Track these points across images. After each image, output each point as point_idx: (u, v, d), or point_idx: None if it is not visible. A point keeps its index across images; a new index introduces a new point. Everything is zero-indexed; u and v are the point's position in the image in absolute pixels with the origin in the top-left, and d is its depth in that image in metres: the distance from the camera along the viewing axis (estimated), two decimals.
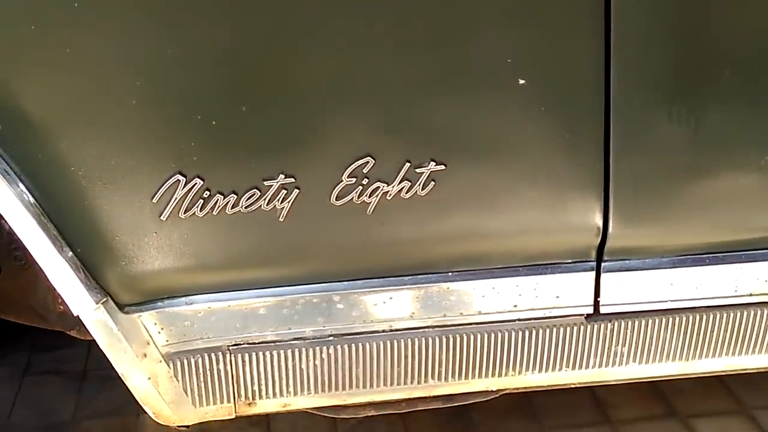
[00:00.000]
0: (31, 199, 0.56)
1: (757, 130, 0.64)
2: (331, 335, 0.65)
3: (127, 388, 0.64)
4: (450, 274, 0.65)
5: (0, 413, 1.07)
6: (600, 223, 0.64)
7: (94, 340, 0.61)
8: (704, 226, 0.68)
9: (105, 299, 0.59)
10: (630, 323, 0.69)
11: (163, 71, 0.54)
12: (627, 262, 0.68)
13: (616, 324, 0.69)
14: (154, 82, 0.54)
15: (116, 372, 0.63)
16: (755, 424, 1.03)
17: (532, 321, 0.68)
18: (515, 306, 0.67)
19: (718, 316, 0.71)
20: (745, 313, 0.71)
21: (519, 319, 0.68)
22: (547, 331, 0.68)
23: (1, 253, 0.69)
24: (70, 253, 0.57)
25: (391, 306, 0.65)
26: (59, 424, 1.07)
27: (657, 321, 0.70)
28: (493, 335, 0.68)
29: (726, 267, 0.69)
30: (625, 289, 0.68)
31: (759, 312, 0.71)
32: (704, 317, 0.70)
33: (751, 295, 0.70)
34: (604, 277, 0.67)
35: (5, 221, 0.57)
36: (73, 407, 1.09)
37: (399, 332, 0.66)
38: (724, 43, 0.62)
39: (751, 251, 0.69)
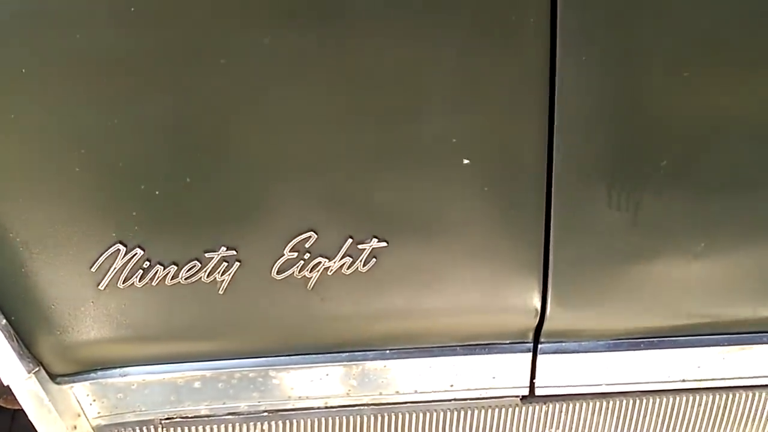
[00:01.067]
0: None
1: (693, 217, 0.66)
2: (265, 410, 0.64)
3: None
4: (387, 351, 0.65)
5: None
6: (538, 305, 0.65)
7: (21, 410, 0.60)
8: (640, 311, 0.68)
9: (37, 369, 0.58)
10: (565, 406, 0.69)
11: (106, 141, 0.54)
12: (563, 344, 0.67)
13: (551, 406, 0.69)
14: (97, 151, 0.55)
15: None
16: None
17: (468, 401, 0.67)
18: (451, 386, 0.67)
19: (652, 400, 0.70)
20: (678, 399, 0.71)
21: (455, 399, 0.67)
22: (483, 411, 0.68)
23: None
24: (4, 320, 0.56)
25: (327, 382, 0.64)
26: None
27: (592, 404, 0.69)
28: (428, 414, 0.67)
29: (661, 352, 0.69)
30: (560, 371, 0.68)
31: (691, 398, 0.71)
32: (638, 402, 0.70)
33: (683, 381, 0.70)
34: (541, 359, 0.67)
35: None
36: None
37: (334, 409, 0.65)
38: (663, 130, 0.64)
39: (686, 337, 0.69)
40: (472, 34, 0.56)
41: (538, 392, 0.68)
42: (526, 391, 0.68)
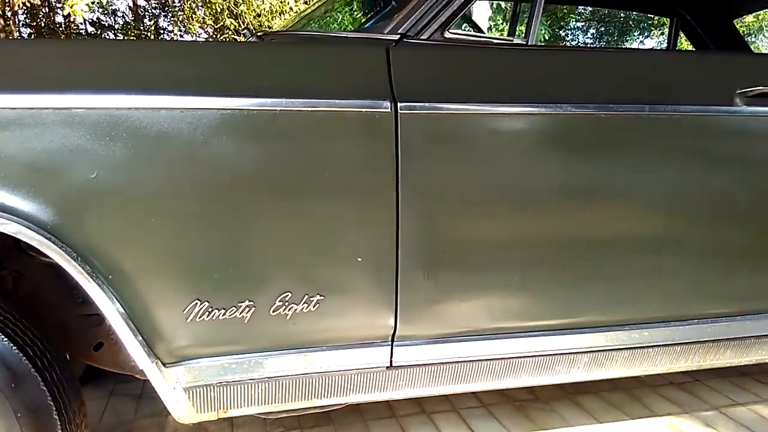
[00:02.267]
0: (120, 308, 1.16)
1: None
2: None
3: (162, 403, 1.25)
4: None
5: (95, 415, 1.79)
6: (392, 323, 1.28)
7: (148, 380, 1.21)
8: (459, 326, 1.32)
9: (156, 360, 1.20)
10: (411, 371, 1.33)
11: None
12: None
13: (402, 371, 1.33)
14: (196, 249, 1.15)
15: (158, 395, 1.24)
16: None
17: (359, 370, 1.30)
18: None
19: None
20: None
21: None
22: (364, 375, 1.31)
23: (104, 336, 1.31)
24: (140, 338, 1.17)
25: None
26: (126, 422, 1.82)
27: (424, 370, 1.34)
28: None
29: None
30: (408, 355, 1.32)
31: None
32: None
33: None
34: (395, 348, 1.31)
35: (105, 317, 1.17)
36: (134, 412, 1.81)
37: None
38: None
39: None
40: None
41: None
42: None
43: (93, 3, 7.24)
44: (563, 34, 12.36)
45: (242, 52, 1.29)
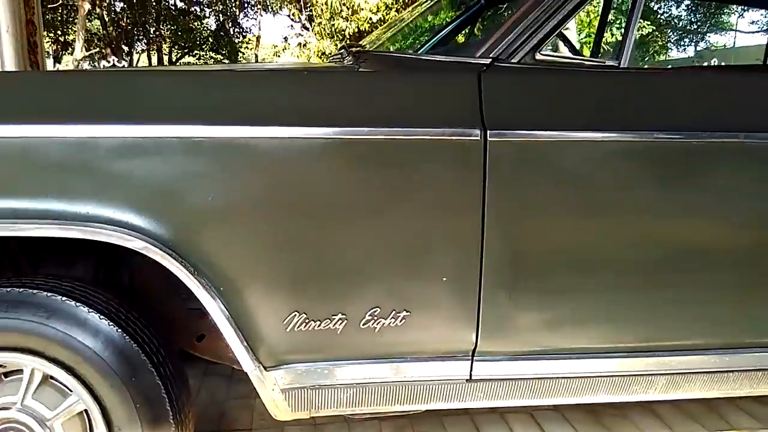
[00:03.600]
0: (229, 316, 1.28)
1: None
2: None
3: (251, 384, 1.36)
4: None
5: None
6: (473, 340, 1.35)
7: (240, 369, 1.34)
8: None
9: (258, 364, 1.32)
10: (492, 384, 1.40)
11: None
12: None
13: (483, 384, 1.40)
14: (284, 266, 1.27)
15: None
16: None
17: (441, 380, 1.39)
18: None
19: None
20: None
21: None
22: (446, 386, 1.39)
23: (206, 328, 1.45)
24: (246, 343, 1.29)
25: None
26: (218, 402, 2.01)
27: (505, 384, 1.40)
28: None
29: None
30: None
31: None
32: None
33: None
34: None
35: (216, 324, 1.30)
36: (225, 393, 1.99)
37: None
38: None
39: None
40: None
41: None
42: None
43: None
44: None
45: (341, 83, 1.38)
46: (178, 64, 18.76)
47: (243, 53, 19.80)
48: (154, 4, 18.20)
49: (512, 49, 1.40)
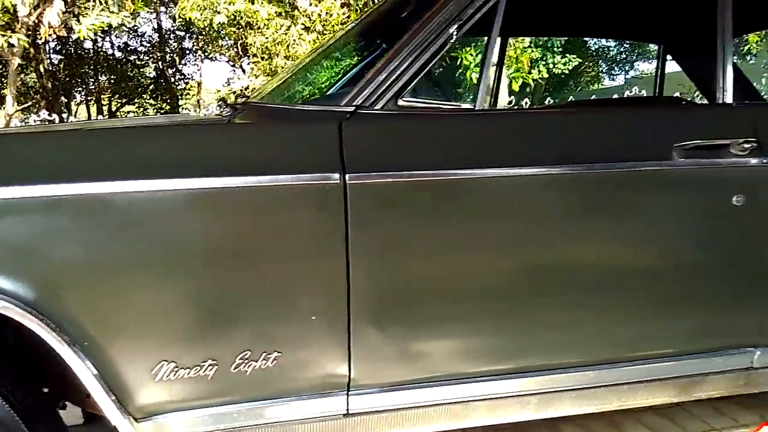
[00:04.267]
0: (94, 371, 1.29)
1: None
2: None
3: None
4: None
5: None
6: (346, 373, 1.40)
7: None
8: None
9: (128, 417, 1.33)
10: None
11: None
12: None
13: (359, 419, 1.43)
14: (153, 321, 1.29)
15: None
16: None
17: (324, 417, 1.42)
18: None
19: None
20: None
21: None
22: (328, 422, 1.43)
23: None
24: (113, 397, 1.31)
25: None
26: None
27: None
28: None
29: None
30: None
31: None
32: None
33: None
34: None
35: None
36: None
37: None
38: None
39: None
40: None
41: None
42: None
43: (104, 27, 7.56)
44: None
45: (203, 136, 1.44)
46: (118, 113, 18.55)
47: (185, 99, 19.75)
48: (91, 54, 18.01)
49: (374, 97, 1.49)
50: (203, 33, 11.17)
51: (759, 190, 1.58)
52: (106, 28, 7.89)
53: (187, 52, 19.44)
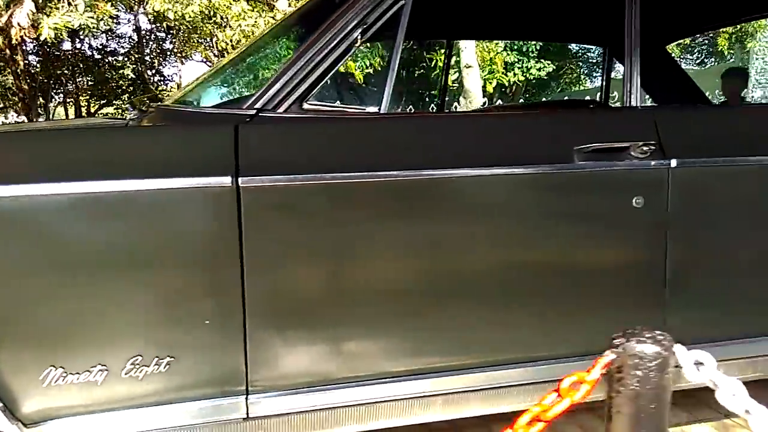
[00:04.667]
0: None
1: None
2: None
3: None
4: None
5: None
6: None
7: None
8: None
9: (16, 422, 1.32)
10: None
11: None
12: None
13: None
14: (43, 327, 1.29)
15: None
16: None
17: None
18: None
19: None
20: None
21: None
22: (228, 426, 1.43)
23: None
24: (0, 403, 1.30)
25: None
26: None
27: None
28: None
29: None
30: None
31: None
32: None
33: None
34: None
35: None
36: None
37: None
38: None
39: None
40: None
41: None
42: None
43: (69, 27, 7.51)
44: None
45: (97, 139, 1.44)
46: (97, 114, 18.39)
47: (164, 100, 19.58)
48: (69, 57, 17.85)
49: (277, 101, 1.50)
50: (175, 28, 11.06)
51: (658, 192, 1.60)
52: (73, 29, 7.80)
53: (168, 53, 19.32)
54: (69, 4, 7.53)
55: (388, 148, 1.52)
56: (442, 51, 10.16)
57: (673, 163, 1.61)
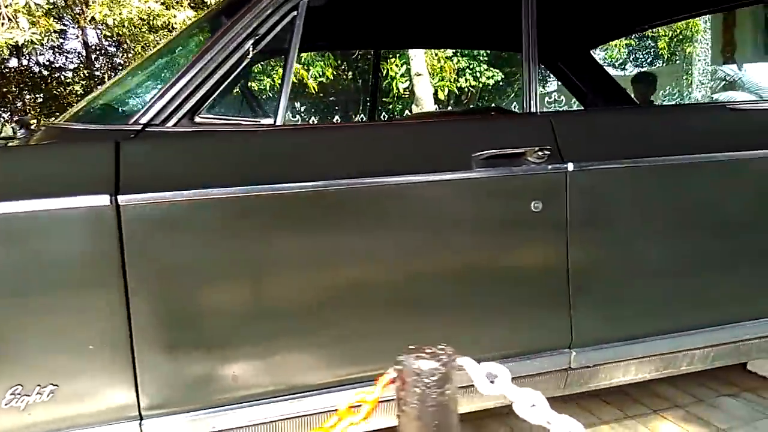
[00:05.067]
0: None
1: None
2: None
3: None
4: None
5: None
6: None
7: None
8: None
9: None
10: None
11: None
12: None
13: None
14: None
15: None
16: None
17: None
18: None
19: None
20: None
21: None
22: None
23: None
24: None
25: None
26: None
27: None
28: None
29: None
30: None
31: None
32: None
33: None
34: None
35: None
36: None
37: None
38: None
39: None
40: None
41: None
42: None
43: (12, 44, 7.29)
44: None
45: None
46: None
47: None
48: (15, 75, 17.38)
49: (165, 115, 1.47)
50: (120, 38, 10.81)
51: (557, 195, 1.62)
52: (16, 45, 7.57)
53: (119, 67, 18.95)
54: (10, 20, 7.31)
55: (282, 160, 1.50)
56: (393, 59, 10.20)
57: (570, 167, 1.62)
